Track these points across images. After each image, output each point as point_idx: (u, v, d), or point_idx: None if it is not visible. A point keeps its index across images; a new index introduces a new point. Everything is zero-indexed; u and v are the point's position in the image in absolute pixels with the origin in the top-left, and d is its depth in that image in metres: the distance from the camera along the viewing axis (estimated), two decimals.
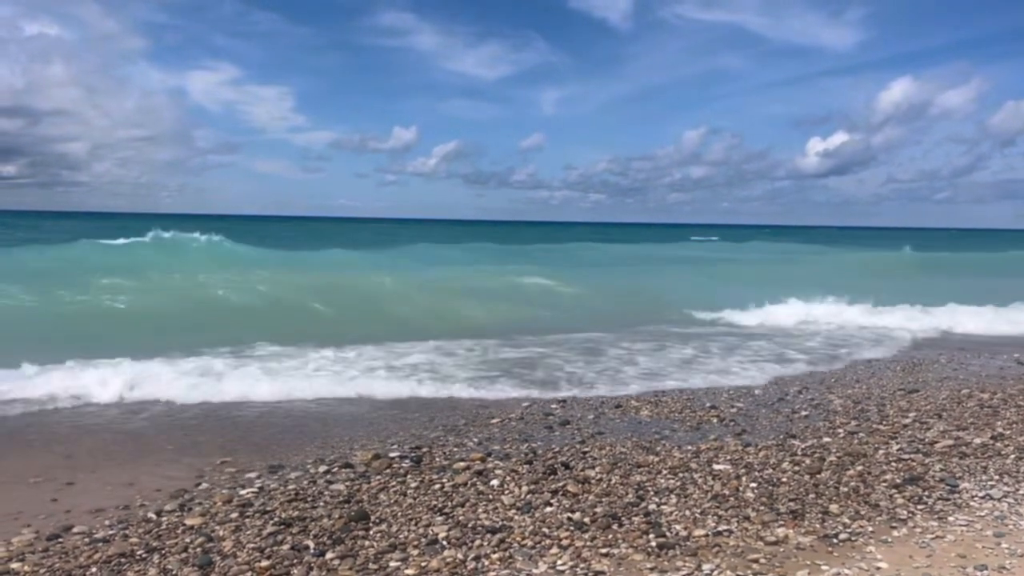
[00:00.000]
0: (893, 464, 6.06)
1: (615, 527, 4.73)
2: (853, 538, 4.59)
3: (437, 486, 5.54)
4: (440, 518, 4.91)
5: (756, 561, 4.26)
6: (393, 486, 5.54)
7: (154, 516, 5.00)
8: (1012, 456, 6.30)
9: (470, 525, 4.78)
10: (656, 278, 24.85)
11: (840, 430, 7.21)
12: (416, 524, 4.81)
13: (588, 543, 4.50)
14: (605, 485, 5.52)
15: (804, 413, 7.99)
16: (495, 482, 5.60)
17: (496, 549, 4.42)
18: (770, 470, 5.88)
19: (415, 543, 4.52)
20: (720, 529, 4.71)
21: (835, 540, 4.56)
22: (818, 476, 5.73)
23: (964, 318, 15.82)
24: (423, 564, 4.23)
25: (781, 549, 4.44)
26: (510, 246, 43.99)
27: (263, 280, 17.86)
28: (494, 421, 7.62)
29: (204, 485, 5.68)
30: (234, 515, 4.99)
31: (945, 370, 10.74)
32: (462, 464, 6.02)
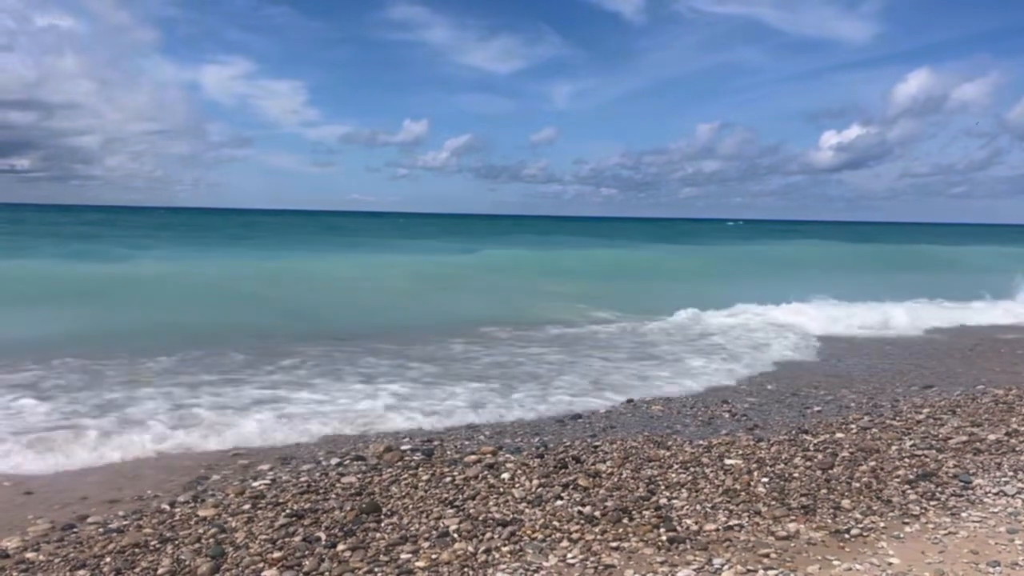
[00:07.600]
0: (906, 460, 6.02)
1: (626, 521, 4.73)
2: (865, 533, 4.57)
3: (448, 479, 5.55)
4: (451, 511, 4.92)
5: (767, 556, 4.24)
6: (404, 479, 5.56)
7: (168, 507, 5.05)
8: None
9: (481, 518, 4.79)
10: None
11: (853, 425, 7.18)
12: (427, 517, 4.82)
13: (599, 537, 4.50)
14: (616, 479, 5.52)
15: (816, 408, 7.96)
16: (506, 475, 5.60)
17: (507, 542, 4.43)
18: (782, 465, 5.86)
19: (426, 535, 4.53)
20: (731, 524, 4.70)
21: (847, 535, 4.54)
22: (830, 471, 5.71)
23: None
24: (434, 556, 4.24)
25: (792, 544, 4.42)
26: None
27: None
28: (503, 412, 7.63)
29: (216, 476, 5.72)
30: (246, 507, 5.02)
31: None
32: (473, 457, 6.03)
